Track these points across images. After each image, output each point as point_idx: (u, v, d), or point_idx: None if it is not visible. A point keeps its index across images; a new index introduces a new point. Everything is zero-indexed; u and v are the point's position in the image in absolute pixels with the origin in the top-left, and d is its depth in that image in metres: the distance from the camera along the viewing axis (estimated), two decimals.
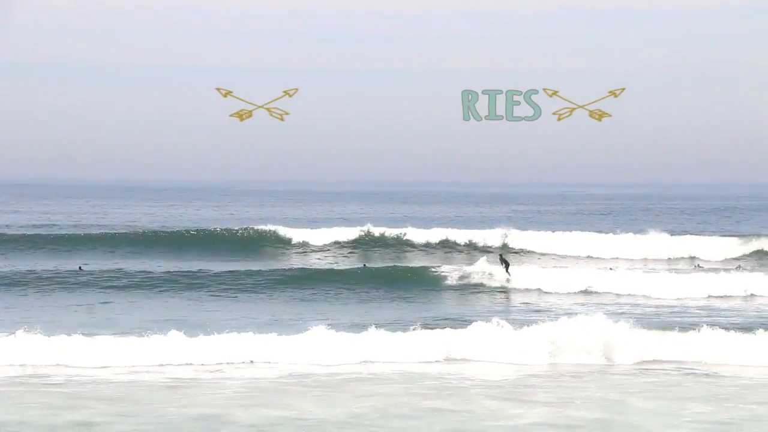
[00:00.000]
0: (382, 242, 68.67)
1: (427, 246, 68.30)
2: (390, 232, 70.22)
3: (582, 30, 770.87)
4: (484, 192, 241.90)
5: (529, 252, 65.96)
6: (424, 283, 50.99)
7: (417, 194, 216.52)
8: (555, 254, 65.66)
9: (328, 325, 33.60)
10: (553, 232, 70.74)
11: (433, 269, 53.54)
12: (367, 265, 56.76)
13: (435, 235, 69.74)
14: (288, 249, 67.84)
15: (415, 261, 62.47)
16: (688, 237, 69.90)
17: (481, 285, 50.71)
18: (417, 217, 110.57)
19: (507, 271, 51.60)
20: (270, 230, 70.71)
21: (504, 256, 54.60)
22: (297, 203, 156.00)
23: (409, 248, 68.04)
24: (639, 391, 27.92)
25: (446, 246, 68.17)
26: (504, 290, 49.82)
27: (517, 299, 47.67)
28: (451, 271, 52.68)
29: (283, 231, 70.61)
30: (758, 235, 69.82)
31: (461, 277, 51.60)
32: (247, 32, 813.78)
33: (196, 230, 72.80)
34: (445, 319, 38.86)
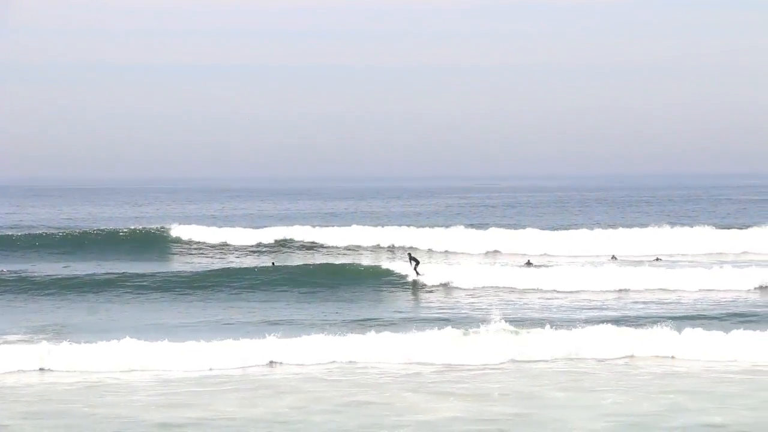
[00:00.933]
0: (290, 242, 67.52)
1: (337, 246, 66.88)
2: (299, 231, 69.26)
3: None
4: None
5: (435, 251, 64.30)
6: (338, 281, 49.75)
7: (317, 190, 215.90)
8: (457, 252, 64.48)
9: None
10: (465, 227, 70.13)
11: (347, 267, 52.78)
12: (275, 263, 55.95)
13: (347, 233, 68.76)
14: (184, 249, 66.44)
15: (326, 259, 60.47)
16: (609, 231, 69.00)
17: (392, 283, 49.82)
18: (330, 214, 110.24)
19: (416, 269, 50.51)
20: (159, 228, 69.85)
21: (413, 254, 53.58)
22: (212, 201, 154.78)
23: (319, 247, 66.88)
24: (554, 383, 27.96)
25: (352, 245, 66.91)
26: (414, 288, 48.97)
27: (426, 297, 47.06)
28: (363, 271, 51.88)
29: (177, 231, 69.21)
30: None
31: (374, 276, 50.76)
32: (245, 30, 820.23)
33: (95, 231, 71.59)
34: (364, 320, 38.45)
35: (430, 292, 48.28)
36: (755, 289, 47.03)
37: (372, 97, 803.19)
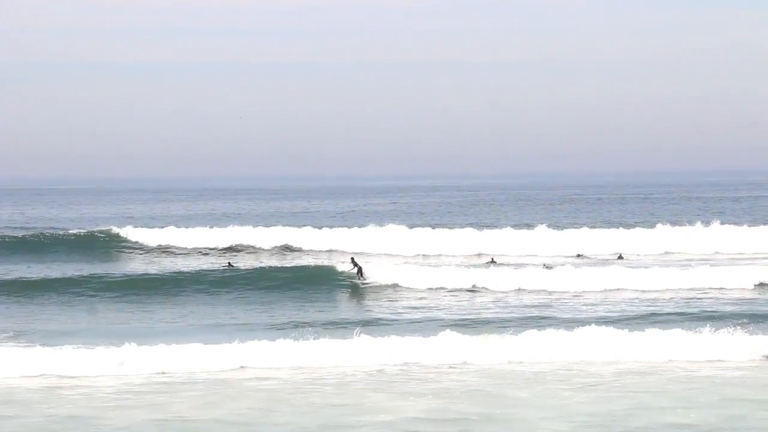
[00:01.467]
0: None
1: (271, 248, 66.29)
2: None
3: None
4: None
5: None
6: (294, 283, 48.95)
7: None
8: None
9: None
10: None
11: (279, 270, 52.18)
12: (232, 264, 55.46)
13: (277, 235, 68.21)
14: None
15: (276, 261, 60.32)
16: (570, 231, 69.20)
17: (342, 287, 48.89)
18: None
19: (360, 274, 49.50)
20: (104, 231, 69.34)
21: (356, 260, 51.80)
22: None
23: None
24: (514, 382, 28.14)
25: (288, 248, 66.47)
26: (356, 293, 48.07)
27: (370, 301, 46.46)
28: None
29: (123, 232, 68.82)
30: None
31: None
32: (242, 28, 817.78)
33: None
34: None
35: (381, 292, 47.66)
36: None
37: (361, 94, 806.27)
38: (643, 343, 31.86)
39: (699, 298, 44.32)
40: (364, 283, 48.92)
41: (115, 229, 69.02)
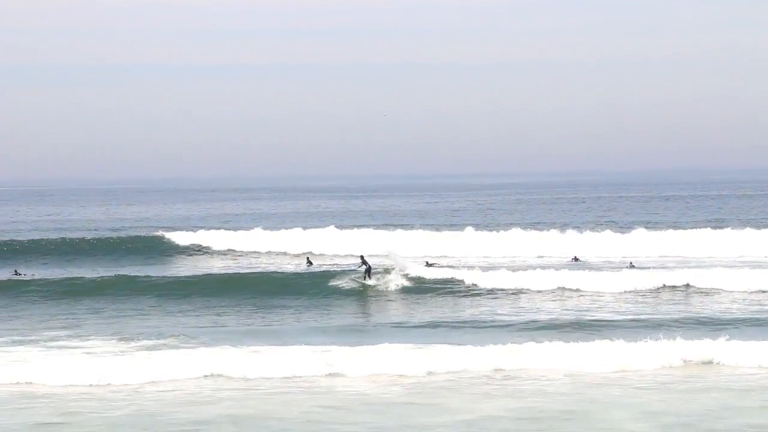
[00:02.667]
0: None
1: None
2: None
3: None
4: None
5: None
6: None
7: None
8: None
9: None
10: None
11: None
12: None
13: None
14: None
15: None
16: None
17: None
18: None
19: (368, 274, 48.90)
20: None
21: (365, 258, 50.62)
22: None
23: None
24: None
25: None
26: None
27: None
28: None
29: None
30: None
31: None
32: (242, 30, 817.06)
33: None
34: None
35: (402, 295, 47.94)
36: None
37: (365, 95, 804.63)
38: (737, 347, 31.70)
39: None
40: (368, 280, 48.52)
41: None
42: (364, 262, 49.55)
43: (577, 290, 47.76)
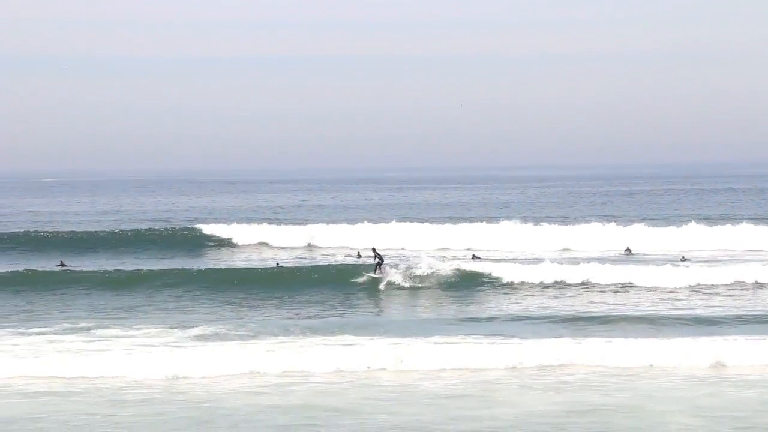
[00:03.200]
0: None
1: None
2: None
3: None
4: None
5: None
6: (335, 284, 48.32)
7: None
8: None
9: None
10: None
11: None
12: (280, 264, 54.88)
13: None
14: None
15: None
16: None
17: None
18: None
19: (379, 267, 48.29)
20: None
21: (377, 250, 50.25)
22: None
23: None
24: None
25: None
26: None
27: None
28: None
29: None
30: None
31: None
32: (245, 22, 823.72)
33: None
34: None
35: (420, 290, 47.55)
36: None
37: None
38: None
39: None
40: (380, 274, 48.14)
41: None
42: (376, 255, 49.34)
43: (632, 284, 47.24)
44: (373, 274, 48.40)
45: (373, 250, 50.23)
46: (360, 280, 48.22)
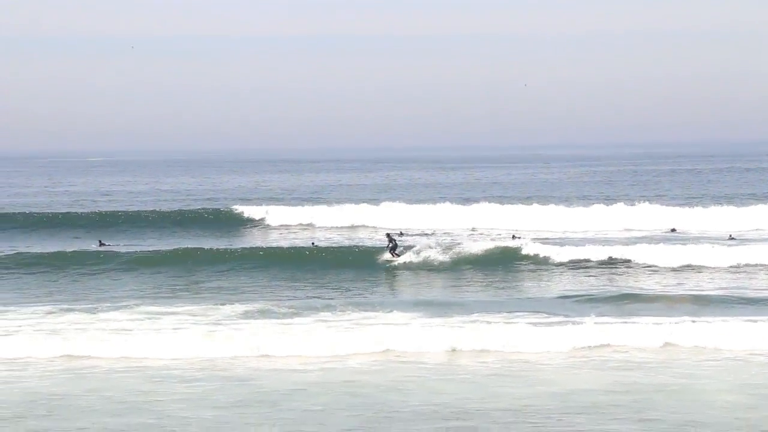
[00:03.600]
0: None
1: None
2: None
3: None
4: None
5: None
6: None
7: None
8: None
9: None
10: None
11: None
12: (316, 244, 54.84)
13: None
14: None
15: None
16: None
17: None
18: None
19: (393, 252, 47.99)
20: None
21: (392, 235, 50.45)
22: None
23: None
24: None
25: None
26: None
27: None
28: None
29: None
30: None
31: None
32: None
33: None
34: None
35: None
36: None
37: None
38: None
39: None
40: (394, 256, 47.78)
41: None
42: (390, 240, 49.14)
43: (689, 265, 46.58)
44: (389, 257, 48.06)
45: (387, 235, 50.18)
46: (398, 261, 47.98)
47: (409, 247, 49.21)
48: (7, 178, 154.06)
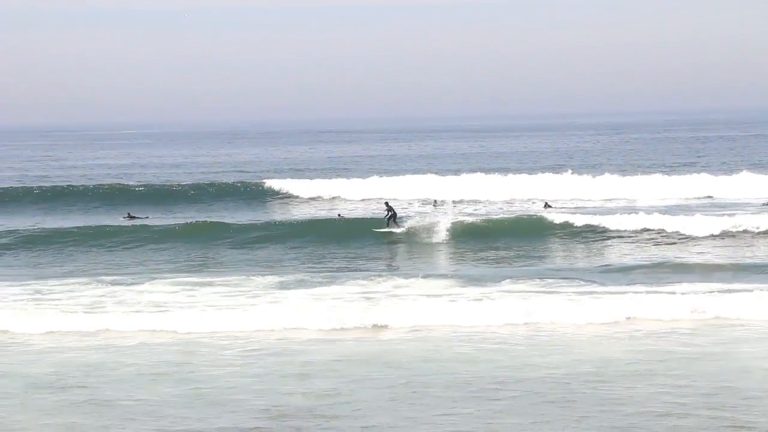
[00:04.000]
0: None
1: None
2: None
3: None
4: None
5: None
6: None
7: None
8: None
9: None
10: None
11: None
12: (342, 215, 54.90)
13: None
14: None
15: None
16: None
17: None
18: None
19: (393, 221, 47.75)
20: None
21: (389, 204, 50.20)
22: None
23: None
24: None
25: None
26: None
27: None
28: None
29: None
30: None
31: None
32: None
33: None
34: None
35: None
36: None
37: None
38: None
39: None
40: (391, 227, 47.70)
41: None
42: (389, 209, 48.81)
43: (727, 232, 46.30)
44: (394, 230, 47.68)
45: (386, 204, 50.00)
46: (398, 231, 47.58)
47: (411, 217, 49.00)
48: (46, 151, 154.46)
